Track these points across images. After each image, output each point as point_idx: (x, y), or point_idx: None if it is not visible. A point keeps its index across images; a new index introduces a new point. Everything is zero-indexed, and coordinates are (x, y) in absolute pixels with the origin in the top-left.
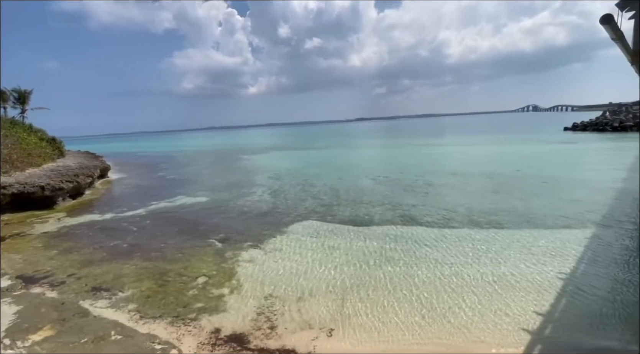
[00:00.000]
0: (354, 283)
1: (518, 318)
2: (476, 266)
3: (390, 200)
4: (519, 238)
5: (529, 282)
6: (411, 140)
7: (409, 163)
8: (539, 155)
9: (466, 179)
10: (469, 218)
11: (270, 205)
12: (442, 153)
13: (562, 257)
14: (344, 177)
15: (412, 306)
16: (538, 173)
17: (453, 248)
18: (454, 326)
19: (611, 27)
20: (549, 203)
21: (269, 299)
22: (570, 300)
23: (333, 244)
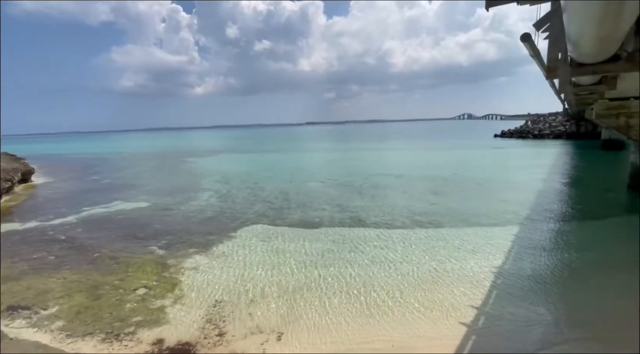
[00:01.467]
0: (304, 285)
1: (455, 312)
2: (418, 264)
3: (339, 202)
4: (455, 236)
5: (464, 277)
6: (359, 144)
7: (357, 167)
8: (473, 159)
9: (409, 181)
10: (412, 219)
11: (217, 209)
12: (388, 157)
13: (493, 252)
14: (294, 180)
15: (358, 306)
16: (472, 175)
17: (397, 247)
18: (397, 323)
19: (529, 44)
20: (482, 203)
21: (217, 306)
22: (500, 291)
23: (283, 247)
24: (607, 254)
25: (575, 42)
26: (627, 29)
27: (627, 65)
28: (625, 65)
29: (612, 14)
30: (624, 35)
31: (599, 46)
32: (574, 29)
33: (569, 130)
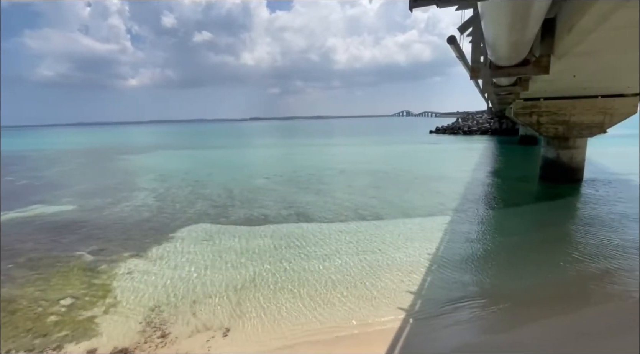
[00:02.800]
0: (251, 282)
1: (395, 298)
2: (361, 255)
3: (285, 198)
4: (395, 226)
5: (403, 264)
6: (304, 140)
7: (302, 162)
8: (411, 154)
9: (352, 176)
10: (355, 212)
11: (154, 209)
12: (332, 152)
13: (429, 240)
14: (238, 177)
15: (304, 300)
16: (410, 169)
17: (341, 240)
18: (341, 313)
19: (455, 47)
20: (418, 195)
21: (158, 309)
22: (434, 276)
23: (228, 246)
24: (524, 237)
25: (493, 46)
26: (533, 36)
27: (535, 69)
28: (534, 68)
29: (519, 21)
30: (531, 41)
31: (512, 50)
32: (490, 33)
33: (493, 127)
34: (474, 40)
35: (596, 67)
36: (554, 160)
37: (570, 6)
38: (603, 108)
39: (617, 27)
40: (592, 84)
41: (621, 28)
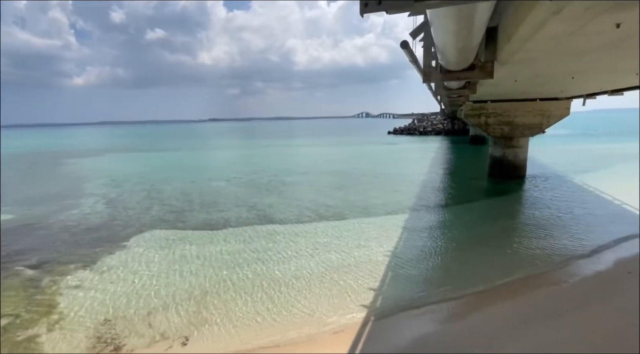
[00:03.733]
0: (211, 289)
1: (357, 296)
2: (323, 255)
3: (246, 200)
4: (356, 226)
5: (364, 263)
6: (265, 141)
7: (264, 164)
8: (371, 154)
9: (314, 177)
10: (317, 213)
11: (104, 217)
12: (294, 153)
13: (388, 238)
14: (196, 180)
15: (264, 303)
16: (370, 169)
17: (304, 241)
18: (304, 315)
19: (407, 51)
20: (379, 195)
21: (109, 323)
22: (394, 272)
23: (186, 252)
24: (475, 231)
25: (442, 51)
26: (478, 43)
27: (481, 74)
28: (480, 73)
29: (464, 29)
30: (476, 48)
31: (459, 56)
32: (440, 39)
33: (446, 128)
34: (426, 45)
35: (533, 72)
36: (500, 159)
37: (509, 17)
38: (541, 111)
39: (549, 37)
40: (531, 89)
41: (552, 38)
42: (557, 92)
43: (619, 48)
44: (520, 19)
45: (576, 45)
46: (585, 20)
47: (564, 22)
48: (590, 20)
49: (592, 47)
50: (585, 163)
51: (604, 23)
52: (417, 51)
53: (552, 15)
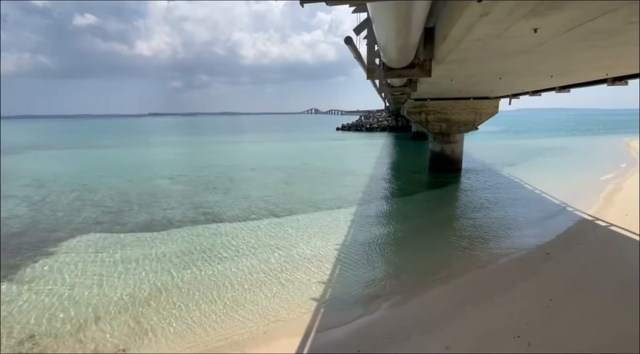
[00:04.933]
0: (151, 294)
1: (307, 290)
2: (273, 252)
3: (191, 199)
4: (306, 220)
5: (314, 256)
6: (212, 137)
7: (210, 161)
8: (320, 150)
9: (264, 173)
10: (267, 209)
11: (27, 221)
12: (242, 149)
13: (337, 232)
14: (135, 178)
15: (212, 305)
16: (319, 164)
17: (253, 238)
18: (255, 313)
19: (351, 47)
20: (327, 189)
21: (32, 339)
22: (343, 263)
23: (124, 256)
24: (417, 221)
25: (384, 48)
26: (416, 42)
27: (420, 72)
28: (419, 71)
29: (403, 26)
30: (416, 46)
31: (400, 53)
32: (381, 37)
33: (391, 124)
34: (369, 42)
35: (466, 72)
36: (439, 153)
37: (444, 18)
38: (474, 109)
39: (478, 39)
40: (465, 88)
41: (481, 39)
42: (487, 92)
43: (536, 52)
44: (454, 20)
45: (501, 48)
46: (508, 24)
47: (491, 25)
48: (512, 24)
49: (514, 50)
50: (511, 157)
51: (523, 27)
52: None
53: (480, 17)
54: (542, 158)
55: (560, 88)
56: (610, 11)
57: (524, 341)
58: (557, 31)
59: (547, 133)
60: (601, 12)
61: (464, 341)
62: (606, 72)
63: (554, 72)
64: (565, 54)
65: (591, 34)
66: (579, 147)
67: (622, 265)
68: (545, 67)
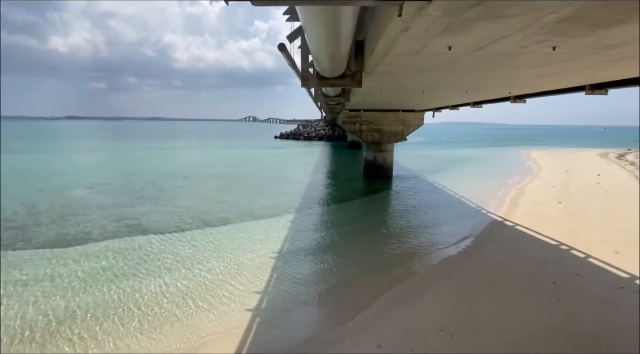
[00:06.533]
0: (59, 320)
1: (241, 301)
2: (207, 263)
3: (114, 210)
4: (242, 230)
5: (250, 266)
6: (140, 143)
7: (138, 168)
8: (258, 158)
9: (198, 181)
10: (201, 219)
11: None
12: (174, 157)
13: (275, 239)
14: (47, 188)
15: (142, 324)
16: (257, 172)
17: (185, 251)
18: (188, 329)
19: (285, 54)
20: (265, 197)
21: None
22: (280, 272)
23: (29, 277)
24: (354, 226)
25: (316, 57)
26: (347, 51)
27: (351, 82)
28: (351, 82)
29: (332, 36)
30: (346, 57)
31: (331, 63)
32: (313, 45)
33: (328, 134)
34: (303, 50)
35: (394, 85)
36: (372, 162)
37: (372, 31)
38: (402, 120)
39: (401, 53)
40: (394, 100)
41: (404, 54)
42: (414, 105)
43: (452, 69)
44: (379, 34)
45: (422, 63)
46: (426, 40)
47: (411, 41)
48: (430, 41)
49: (433, 66)
50: (435, 165)
51: (439, 45)
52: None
53: (401, 32)
54: (461, 166)
55: (474, 104)
56: (506, 36)
57: (447, 333)
58: (468, 50)
59: (465, 144)
60: (499, 36)
61: (394, 338)
62: (509, 90)
63: (468, 89)
64: (476, 72)
65: (494, 55)
66: (490, 157)
67: (526, 259)
68: (461, 84)
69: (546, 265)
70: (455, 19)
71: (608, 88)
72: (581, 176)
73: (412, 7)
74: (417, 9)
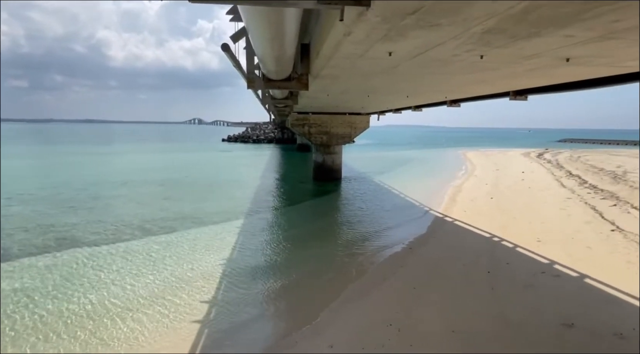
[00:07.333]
0: None
1: (190, 312)
2: (149, 275)
3: (39, 222)
4: (188, 238)
5: (197, 276)
6: (70, 147)
7: (66, 176)
8: (205, 162)
9: (138, 188)
10: (142, 228)
11: None
12: (111, 162)
13: (223, 246)
14: None
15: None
16: (204, 177)
17: (124, 263)
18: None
19: (229, 55)
20: (213, 203)
21: None
22: (229, 279)
23: None
24: (306, 228)
25: (261, 58)
26: (292, 54)
27: (298, 85)
28: (297, 84)
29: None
30: (292, 59)
31: (277, 65)
32: (257, 46)
33: (277, 136)
34: (248, 51)
35: (340, 88)
36: (321, 164)
37: (317, 35)
38: (350, 123)
39: (345, 57)
40: (340, 103)
41: (348, 58)
42: (359, 108)
43: (393, 74)
44: (324, 38)
45: (366, 67)
46: (368, 45)
47: (354, 45)
48: (371, 46)
49: (376, 70)
50: (381, 166)
51: (380, 50)
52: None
53: (344, 37)
54: (405, 167)
55: (415, 107)
56: (440, 44)
57: (395, 328)
58: (406, 56)
59: (408, 146)
60: (434, 44)
61: (346, 337)
62: (445, 95)
63: (409, 93)
64: (415, 77)
65: (431, 62)
66: (432, 158)
67: (464, 252)
68: (402, 88)
69: (481, 256)
70: (393, 26)
71: (528, 95)
72: (509, 174)
73: (354, 13)
74: (358, 14)
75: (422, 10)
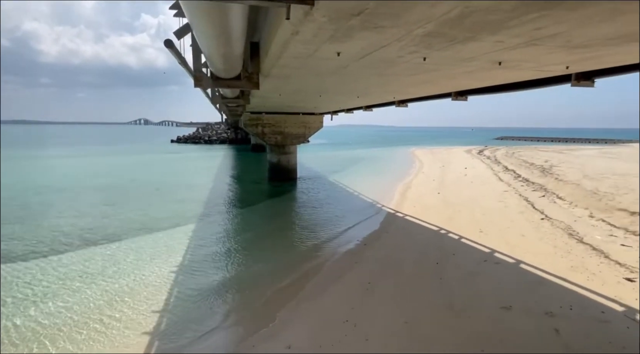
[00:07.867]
0: None
1: (139, 324)
2: (90, 289)
3: None
4: (134, 246)
5: (146, 286)
6: None
7: None
8: (152, 164)
9: (76, 195)
10: (81, 238)
11: None
12: (46, 167)
13: (174, 252)
14: None
15: None
16: (151, 180)
17: (62, 278)
18: None
19: (174, 51)
20: (161, 208)
21: None
22: (181, 287)
23: None
24: (262, 229)
25: (208, 56)
26: (240, 52)
27: (248, 84)
28: (247, 83)
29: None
30: (241, 58)
31: (225, 63)
32: (203, 43)
33: (230, 137)
34: (194, 48)
35: (292, 88)
36: (276, 164)
37: (265, 34)
38: (304, 123)
39: (295, 56)
40: (293, 103)
41: (297, 57)
42: (312, 108)
43: (343, 74)
44: (272, 36)
45: (316, 67)
46: (316, 45)
47: (302, 45)
48: (320, 47)
49: (326, 70)
50: (335, 165)
51: (329, 50)
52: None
53: (292, 36)
54: (358, 165)
55: (366, 108)
56: (385, 45)
57: (351, 323)
58: (354, 57)
59: (361, 145)
60: (379, 45)
61: (303, 337)
62: (393, 95)
63: (359, 93)
64: (363, 78)
65: (377, 63)
66: (383, 156)
67: (415, 245)
68: (351, 88)
69: (430, 248)
70: (339, 26)
71: (468, 95)
72: (453, 170)
73: (300, 12)
74: (305, 13)
75: (366, 12)
